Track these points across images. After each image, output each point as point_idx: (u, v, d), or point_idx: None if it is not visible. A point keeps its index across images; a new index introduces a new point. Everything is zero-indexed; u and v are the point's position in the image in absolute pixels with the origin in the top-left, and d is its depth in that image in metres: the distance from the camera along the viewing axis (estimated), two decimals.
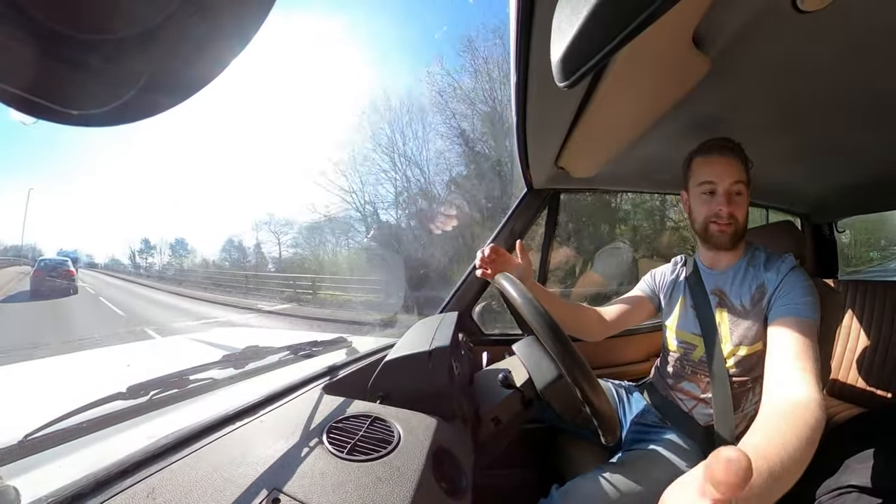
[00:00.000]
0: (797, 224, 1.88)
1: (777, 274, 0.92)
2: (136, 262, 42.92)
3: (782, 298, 0.88)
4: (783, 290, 0.89)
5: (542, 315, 0.72)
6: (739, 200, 0.95)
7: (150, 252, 43.16)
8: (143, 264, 42.26)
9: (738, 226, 0.96)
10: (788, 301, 0.86)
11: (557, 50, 0.33)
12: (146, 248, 43.62)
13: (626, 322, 1.17)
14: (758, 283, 0.95)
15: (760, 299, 0.93)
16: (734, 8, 0.62)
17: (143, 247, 43.80)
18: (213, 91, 0.26)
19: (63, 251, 48.29)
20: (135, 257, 43.56)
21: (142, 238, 44.46)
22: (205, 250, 36.79)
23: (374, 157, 16.79)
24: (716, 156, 0.96)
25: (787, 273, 0.91)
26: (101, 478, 0.44)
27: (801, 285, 0.88)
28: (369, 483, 0.50)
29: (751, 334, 0.93)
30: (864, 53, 0.72)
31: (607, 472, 0.88)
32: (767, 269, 0.94)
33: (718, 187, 0.95)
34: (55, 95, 0.21)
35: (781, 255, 0.97)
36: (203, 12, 0.21)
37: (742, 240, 0.99)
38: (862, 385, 1.46)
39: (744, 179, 0.94)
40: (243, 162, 54.97)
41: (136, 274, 34.02)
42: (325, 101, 44.52)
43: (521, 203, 1.47)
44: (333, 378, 0.87)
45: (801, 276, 0.90)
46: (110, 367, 1.10)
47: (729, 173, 0.94)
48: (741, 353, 0.94)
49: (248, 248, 25.76)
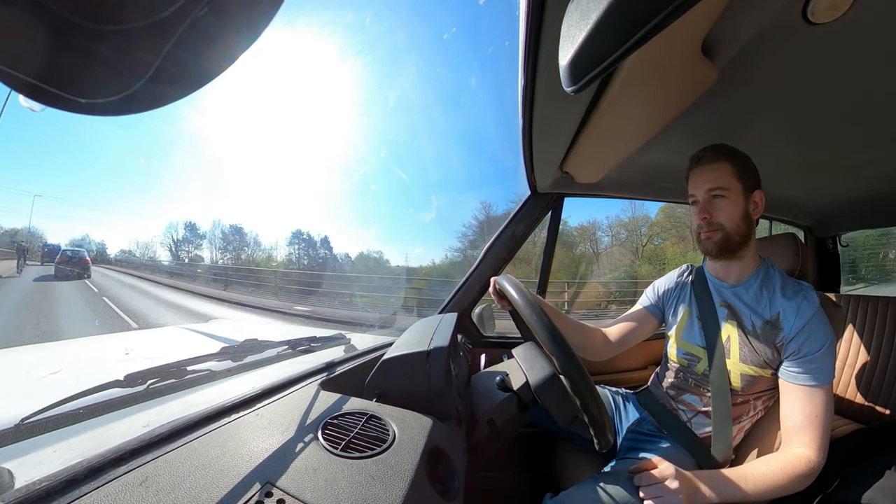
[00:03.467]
0: (800, 237, 1.87)
1: (797, 315, 0.86)
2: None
3: (803, 356, 0.84)
4: (804, 341, 0.85)
5: (542, 316, 0.72)
6: (721, 204, 0.92)
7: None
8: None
9: (725, 231, 0.92)
10: (811, 360, 0.84)
11: (566, 54, 0.33)
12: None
13: (631, 341, 1.16)
14: (773, 313, 0.90)
15: (774, 332, 0.88)
16: (744, 18, 0.62)
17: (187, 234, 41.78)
18: (223, 84, 0.26)
19: (75, 240, 54.72)
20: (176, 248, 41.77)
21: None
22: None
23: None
24: (696, 168, 0.96)
25: (809, 319, 0.85)
26: (96, 464, 0.44)
27: (824, 339, 0.84)
28: (362, 480, 0.50)
29: (758, 359, 0.90)
30: (872, 67, 0.72)
31: (601, 482, 0.86)
32: (785, 298, 0.89)
33: (699, 198, 0.95)
34: (64, 83, 0.21)
35: (800, 286, 0.91)
36: (213, 5, 0.22)
37: (743, 248, 0.95)
38: (861, 400, 1.45)
39: (724, 184, 0.91)
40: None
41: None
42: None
43: (524, 206, 1.47)
44: (331, 374, 0.87)
45: (823, 325, 0.85)
46: (108, 354, 1.11)
47: (706, 181, 0.93)
48: (746, 372, 0.92)
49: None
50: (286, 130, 55.22)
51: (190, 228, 42.20)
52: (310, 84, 56.14)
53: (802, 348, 0.85)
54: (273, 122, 59.81)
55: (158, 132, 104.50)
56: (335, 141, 37.69)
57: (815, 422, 0.81)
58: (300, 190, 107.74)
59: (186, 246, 41.93)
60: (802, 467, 0.78)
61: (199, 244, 41.98)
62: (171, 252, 42.31)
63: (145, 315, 9.85)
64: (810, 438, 0.80)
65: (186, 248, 41.96)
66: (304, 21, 48.05)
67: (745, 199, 0.92)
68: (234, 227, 41.08)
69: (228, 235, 40.75)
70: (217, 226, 41.63)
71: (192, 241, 41.90)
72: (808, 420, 0.82)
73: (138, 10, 0.20)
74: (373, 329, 1.88)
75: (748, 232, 0.94)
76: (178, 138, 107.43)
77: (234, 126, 63.86)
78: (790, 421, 0.84)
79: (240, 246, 40.21)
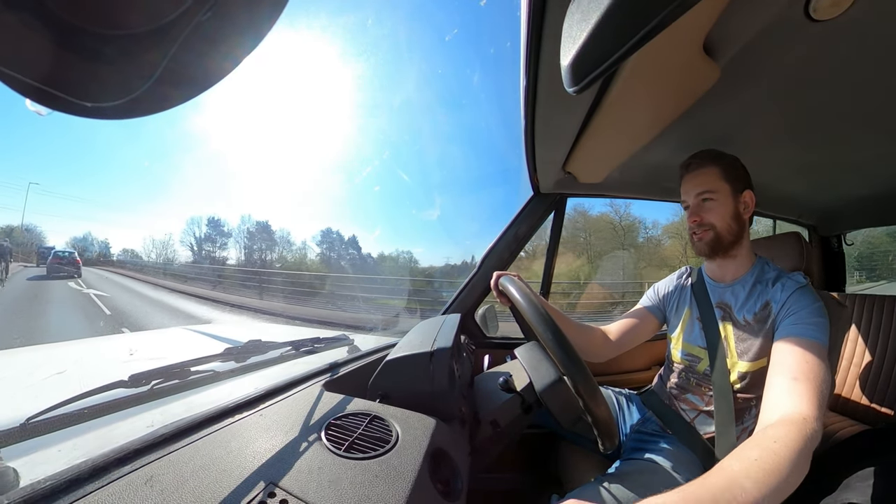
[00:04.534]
0: (804, 235, 1.86)
1: (783, 292, 0.89)
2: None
3: (788, 318, 0.85)
4: (790, 309, 0.86)
5: (545, 317, 0.72)
6: (710, 206, 0.94)
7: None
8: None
9: (716, 231, 0.94)
10: (795, 321, 0.83)
11: (567, 55, 0.33)
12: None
13: (632, 341, 1.16)
14: (764, 301, 0.92)
15: (766, 318, 0.90)
16: (746, 16, 0.62)
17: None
18: (225, 87, 0.26)
19: (76, 238, 54.08)
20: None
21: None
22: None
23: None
24: (686, 174, 0.99)
25: (793, 291, 0.87)
26: (100, 463, 0.44)
27: (810, 306, 0.84)
28: (366, 481, 0.50)
29: (754, 350, 0.91)
30: (876, 63, 0.71)
31: (606, 483, 0.86)
32: (775, 287, 0.91)
33: (690, 203, 0.98)
34: (69, 87, 0.22)
35: (791, 274, 0.93)
36: (217, 8, 0.22)
37: (735, 247, 0.96)
38: (865, 401, 1.44)
39: (712, 188, 0.93)
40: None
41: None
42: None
43: (527, 207, 1.47)
44: (334, 375, 0.87)
45: (810, 296, 0.86)
46: (112, 355, 1.11)
47: (694, 186, 0.96)
48: (745, 369, 0.92)
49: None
50: (289, 131, 55.33)
51: (213, 225, 41.49)
52: (311, 85, 56.37)
53: (791, 310, 0.85)
54: (276, 124, 60.04)
55: (164, 135, 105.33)
56: (335, 141, 37.76)
57: (808, 377, 0.69)
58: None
59: (208, 245, 41.32)
60: (800, 430, 0.60)
61: (223, 243, 41.28)
62: (193, 251, 41.79)
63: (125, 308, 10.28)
64: (802, 391, 0.67)
65: (207, 248, 41.28)
66: (305, 23, 48.28)
67: (734, 199, 0.94)
68: (261, 224, 40.03)
69: (254, 234, 39.91)
70: (246, 220, 40.83)
71: (214, 240, 41.30)
72: (802, 374, 0.70)
73: (143, 14, 0.21)
74: (376, 330, 1.88)
75: (740, 231, 0.96)
76: (182, 141, 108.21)
77: (238, 128, 64.35)
78: (778, 377, 0.73)
79: (269, 246, 39.51)
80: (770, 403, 0.70)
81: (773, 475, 0.53)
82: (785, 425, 0.62)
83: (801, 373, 0.71)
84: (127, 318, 9.01)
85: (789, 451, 0.56)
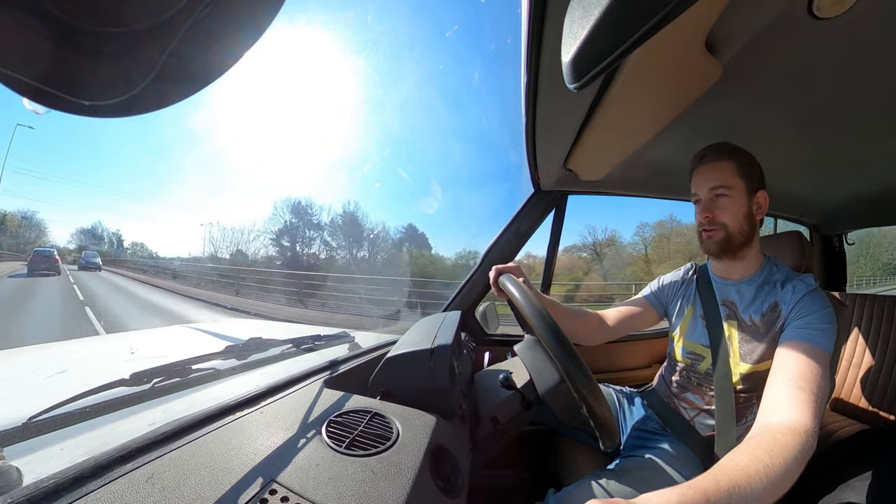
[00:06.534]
0: (805, 234, 1.86)
1: (793, 294, 0.86)
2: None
3: (796, 321, 0.83)
4: (799, 312, 0.84)
5: (544, 316, 0.72)
6: (724, 203, 0.91)
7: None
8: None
9: (727, 231, 0.92)
10: (803, 325, 0.81)
11: (568, 51, 0.33)
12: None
13: (628, 327, 1.15)
14: (772, 302, 0.90)
15: (774, 320, 0.88)
16: (749, 14, 0.61)
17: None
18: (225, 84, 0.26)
19: (85, 228, 57.99)
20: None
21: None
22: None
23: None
24: (699, 166, 0.95)
25: (804, 294, 0.85)
26: (102, 462, 0.45)
27: (819, 311, 0.82)
28: (366, 478, 0.50)
29: (759, 352, 0.89)
30: (879, 62, 0.71)
31: (604, 479, 0.86)
32: (784, 289, 0.89)
33: (701, 197, 0.95)
34: (67, 86, 0.21)
35: (801, 275, 0.91)
36: (216, 4, 0.22)
37: (745, 248, 0.94)
38: (865, 401, 1.44)
39: (727, 183, 0.90)
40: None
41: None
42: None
43: (528, 204, 1.47)
44: (335, 372, 0.87)
45: (820, 301, 0.84)
46: (114, 353, 1.12)
47: (708, 179, 0.93)
48: (747, 371, 0.91)
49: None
50: (289, 131, 55.19)
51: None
52: (310, 81, 56.24)
53: (801, 313, 0.83)
54: (275, 122, 59.88)
55: (165, 135, 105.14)
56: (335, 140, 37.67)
57: (811, 387, 0.69)
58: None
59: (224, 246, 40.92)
60: (803, 443, 0.60)
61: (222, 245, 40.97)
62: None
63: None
64: (805, 401, 0.66)
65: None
66: (305, 19, 48.11)
67: (748, 198, 0.91)
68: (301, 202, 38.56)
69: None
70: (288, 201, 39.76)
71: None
72: (806, 383, 0.69)
73: (141, 11, 0.20)
74: (376, 327, 1.88)
75: (751, 232, 0.93)
76: (182, 141, 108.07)
77: (236, 126, 64.24)
78: (781, 380, 0.72)
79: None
80: (771, 405, 0.70)
81: (776, 483, 0.55)
82: (791, 435, 0.61)
83: (805, 381, 0.70)
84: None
85: (793, 462, 0.58)
